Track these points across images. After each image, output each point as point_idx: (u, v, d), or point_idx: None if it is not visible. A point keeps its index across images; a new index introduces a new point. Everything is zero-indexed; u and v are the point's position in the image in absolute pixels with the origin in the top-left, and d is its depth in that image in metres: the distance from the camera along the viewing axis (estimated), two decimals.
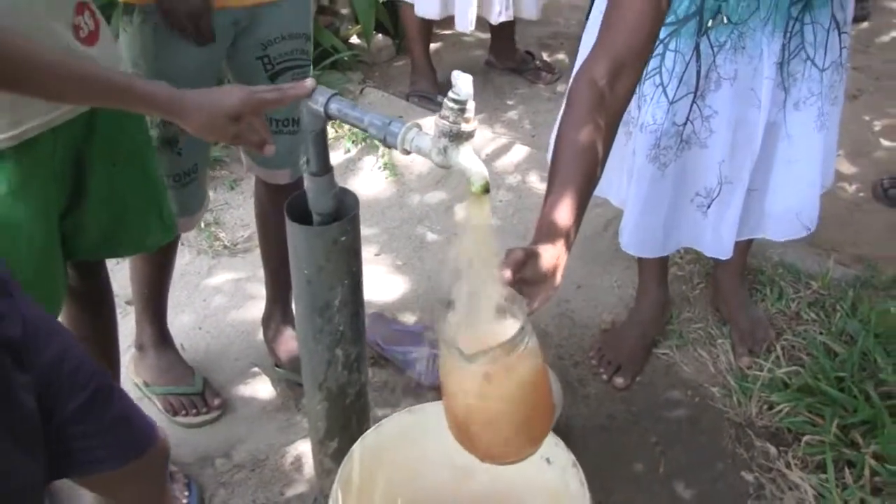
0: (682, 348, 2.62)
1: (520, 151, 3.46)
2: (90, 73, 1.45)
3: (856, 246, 3.00)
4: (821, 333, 2.54)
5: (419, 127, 1.40)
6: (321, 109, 1.46)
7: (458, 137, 1.30)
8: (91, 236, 1.83)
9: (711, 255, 2.42)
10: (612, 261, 2.81)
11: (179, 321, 2.73)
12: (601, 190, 2.42)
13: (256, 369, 2.59)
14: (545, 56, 4.27)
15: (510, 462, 1.46)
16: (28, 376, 1.29)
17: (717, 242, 2.35)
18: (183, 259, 2.98)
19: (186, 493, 2.20)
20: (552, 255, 1.31)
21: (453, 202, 3.22)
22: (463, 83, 1.27)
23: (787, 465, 2.22)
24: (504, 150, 3.51)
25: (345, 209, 1.67)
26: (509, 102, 3.86)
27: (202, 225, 3.11)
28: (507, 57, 4.10)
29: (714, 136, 2.16)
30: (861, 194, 3.29)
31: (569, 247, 1.36)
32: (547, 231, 1.34)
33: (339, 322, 1.73)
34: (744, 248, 2.57)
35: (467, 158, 1.32)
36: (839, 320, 2.57)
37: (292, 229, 1.65)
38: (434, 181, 3.31)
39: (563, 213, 1.35)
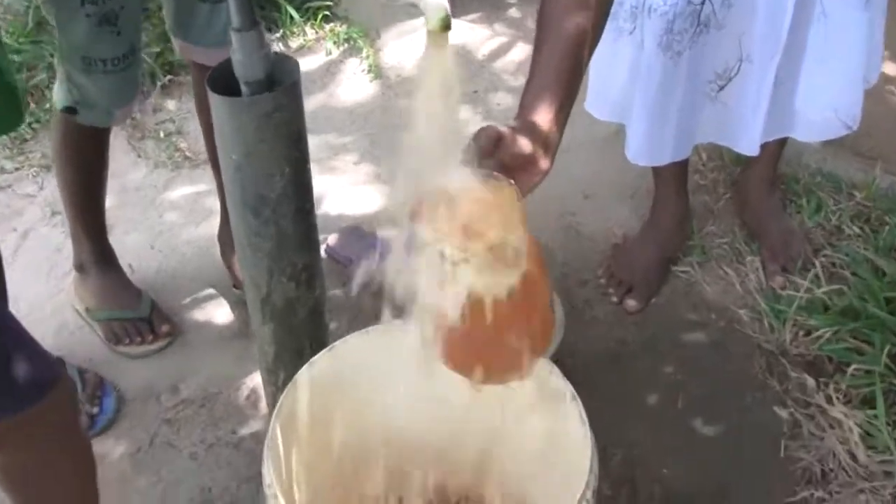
0: (705, 265, 2.30)
1: (521, 51, 3.11)
2: None
3: None
4: (865, 249, 2.22)
5: None
6: None
7: None
8: None
9: (732, 148, 2.13)
10: (624, 168, 2.44)
11: (130, 240, 2.43)
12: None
13: (212, 291, 2.28)
14: None
15: (511, 378, 1.25)
16: None
17: (740, 134, 2.03)
18: (139, 172, 2.68)
19: (96, 408, 1.95)
20: (533, 138, 1.15)
21: None
22: None
23: (828, 400, 1.91)
24: (503, 50, 3.16)
25: (282, 78, 1.33)
26: (511, 0, 3.49)
27: (161, 135, 2.79)
28: None
29: (734, 9, 1.83)
30: None
31: (559, 128, 1.19)
32: (529, 106, 1.21)
33: (280, 222, 1.40)
34: (773, 150, 2.23)
35: None
36: (887, 235, 2.25)
37: (216, 103, 1.32)
38: None
39: (546, 98, 1.22)
